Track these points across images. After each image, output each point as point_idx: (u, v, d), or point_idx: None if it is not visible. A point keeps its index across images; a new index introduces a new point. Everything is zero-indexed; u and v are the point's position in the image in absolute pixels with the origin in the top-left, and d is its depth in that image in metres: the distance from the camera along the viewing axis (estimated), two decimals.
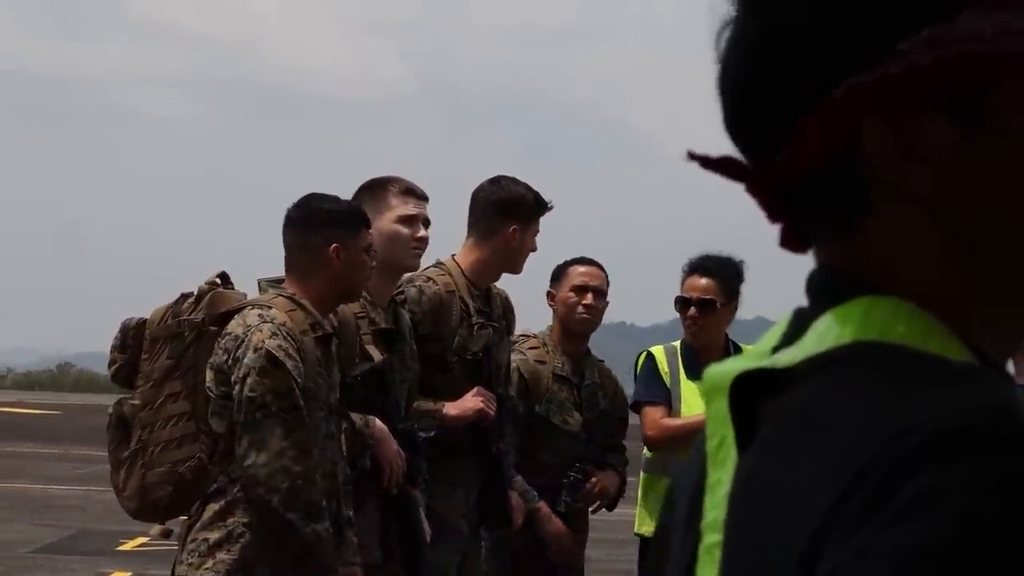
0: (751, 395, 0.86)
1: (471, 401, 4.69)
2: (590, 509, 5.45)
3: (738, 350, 5.46)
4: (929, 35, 0.84)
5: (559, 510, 5.24)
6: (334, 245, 4.09)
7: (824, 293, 0.89)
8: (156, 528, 4.28)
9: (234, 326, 3.99)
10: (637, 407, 5.50)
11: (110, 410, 4.25)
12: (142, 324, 4.20)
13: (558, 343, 5.38)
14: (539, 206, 4.93)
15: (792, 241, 0.95)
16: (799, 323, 0.90)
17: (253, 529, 3.92)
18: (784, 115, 0.88)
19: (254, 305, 4.05)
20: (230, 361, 3.94)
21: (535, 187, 4.98)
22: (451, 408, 4.68)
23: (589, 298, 5.33)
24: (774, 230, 0.95)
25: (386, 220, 4.51)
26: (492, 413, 4.75)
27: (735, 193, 0.93)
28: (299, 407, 3.90)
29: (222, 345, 3.98)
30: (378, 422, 4.31)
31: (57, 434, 26.69)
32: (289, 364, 3.89)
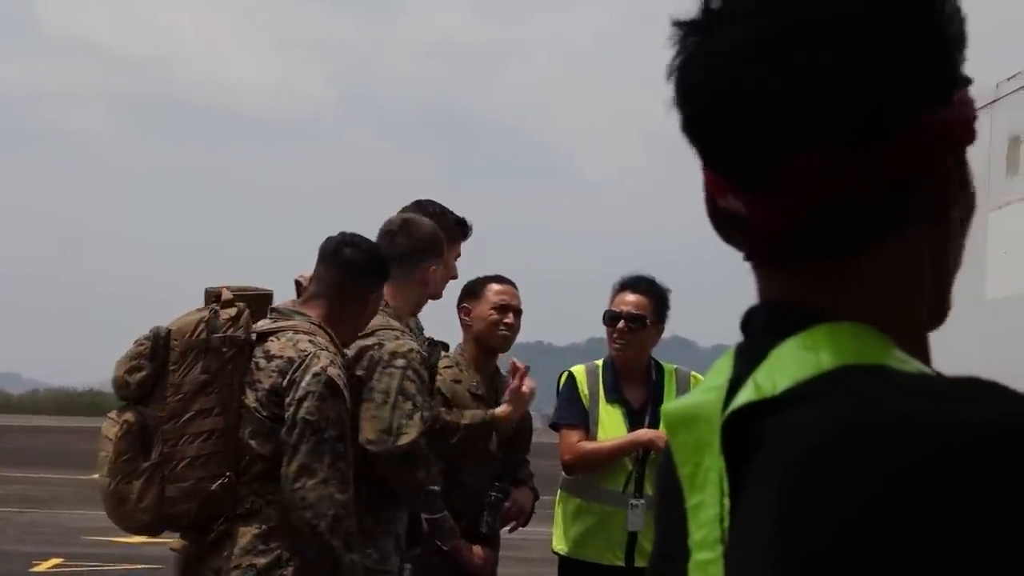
0: (740, 425, 0.92)
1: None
2: (507, 528, 5.42)
3: (660, 369, 5.50)
4: (959, 97, 0.96)
5: (482, 531, 5.21)
6: (374, 294, 4.22)
7: (776, 324, 0.96)
8: (177, 541, 4.11)
9: (282, 348, 4.00)
10: (556, 427, 5.53)
11: (129, 418, 3.99)
12: (168, 334, 4.02)
13: (471, 361, 5.35)
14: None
15: (774, 257, 1.00)
16: (748, 357, 0.96)
17: (299, 553, 3.92)
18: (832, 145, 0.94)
19: (296, 330, 4.06)
20: (285, 383, 3.93)
21: (456, 205, 5.01)
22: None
23: (510, 317, 5.35)
24: (687, 254, 1.01)
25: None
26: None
27: (650, 218, 0.96)
28: (346, 438, 3.94)
29: (273, 367, 3.98)
30: None
31: None
32: (346, 394, 3.96)
